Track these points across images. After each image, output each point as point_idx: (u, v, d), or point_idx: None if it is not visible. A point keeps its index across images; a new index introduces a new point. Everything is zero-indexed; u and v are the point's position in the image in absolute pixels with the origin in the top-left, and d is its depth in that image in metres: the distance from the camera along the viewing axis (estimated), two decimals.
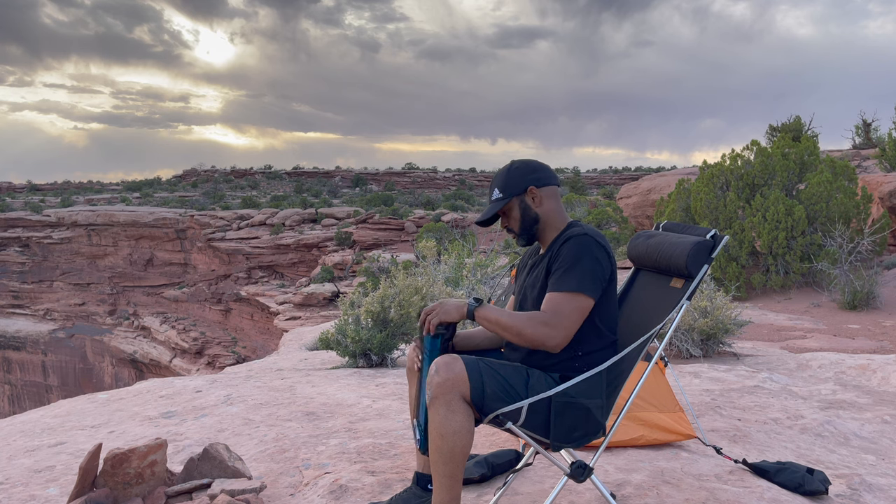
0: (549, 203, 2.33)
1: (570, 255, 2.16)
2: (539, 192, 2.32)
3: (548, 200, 2.33)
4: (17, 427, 3.81)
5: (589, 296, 2.14)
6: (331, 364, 6.30)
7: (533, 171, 2.35)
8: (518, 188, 2.32)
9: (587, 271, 2.14)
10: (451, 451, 2.00)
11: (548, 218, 2.33)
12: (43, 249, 46.37)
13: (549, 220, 2.33)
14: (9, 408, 44.46)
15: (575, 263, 2.15)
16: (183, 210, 44.95)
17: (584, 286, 2.13)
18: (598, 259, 2.17)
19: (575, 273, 2.13)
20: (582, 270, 2.14)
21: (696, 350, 6.03)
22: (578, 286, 2.12)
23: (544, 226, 2.33)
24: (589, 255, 2.16)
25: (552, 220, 2.33)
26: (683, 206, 13.34)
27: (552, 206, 2.34)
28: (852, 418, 3.87)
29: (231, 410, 3.92)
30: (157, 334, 41.18)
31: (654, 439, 3.15)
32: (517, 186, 2.32)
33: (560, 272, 2.16)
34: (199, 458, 2.61)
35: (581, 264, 2.14)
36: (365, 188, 64.71)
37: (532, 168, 2.35)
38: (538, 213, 2.33)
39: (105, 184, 77.33)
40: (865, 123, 22.57)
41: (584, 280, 2.13)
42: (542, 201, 2.33)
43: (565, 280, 2.14)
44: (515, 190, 2.32)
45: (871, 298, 9.65)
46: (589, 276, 2.14)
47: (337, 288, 31.65)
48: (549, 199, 2.34)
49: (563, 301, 2.12)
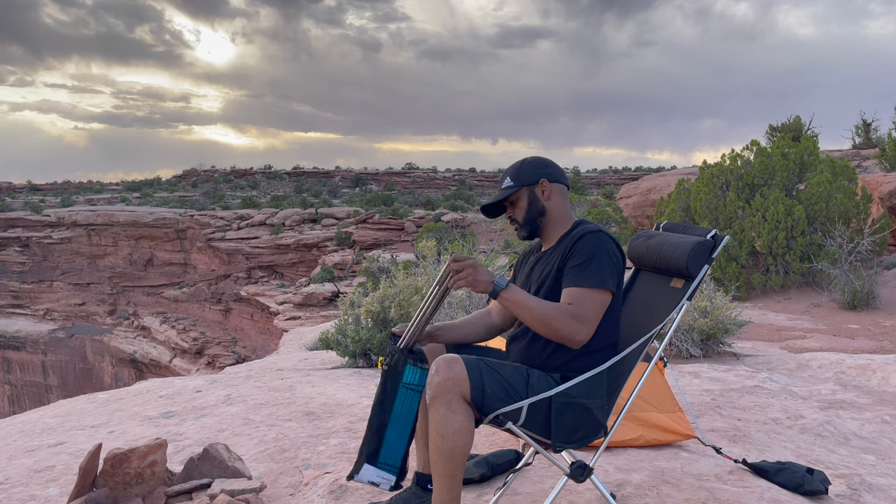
0: (558, 199, 2.36)
1: (589, 250, 2.18)
2: (550, 186, 2.35)
3: (556, 196, 2.36)
4: (17, 427, 3.81)
5: (611, 290, 2.17)
6: (331, 364, 6.30)
7: (546, 166, 2.39)
8: (530, 179, 2.35)
9: (606, 266, 2.17)
10: (451, 451, 2.00)
11: (554, 213, 2.35)
12: (43, 249, 46.36)
13: (555, 216, 2.35)
14: (9, 408, 44.44)
15: (594, 258, 2.17)
16: (183, 210, 44.93)
17: (605, 281, 2.16)
18: (615, 255, 2.21)
19: (595, 268, 2.16)
20: (601, 265, 2.16)
21: (695, 350, 6.03)
22: (601, 281, 2.15)
23: (549, 220, 2.36)
24: (606, 251, 2.19)
25: (558, 216, 2.36)
26: (683, 206, 13.34)
27: (560, 203, 2.36)
28: (852, 418, 3.87)
29: (231, 410, 3.92)
30: (157, 334, 41.18)
31: (654, 439, 3.15)
32: (530, 177, 2.35)
33: (580, 267, 2.17)
34: (199, 458, 2.61)
35: (600, 259, 2.17)
36: (365, 188, 64.67)
37: (545, 163, 2.40)
38: (545, 207, 2.35)
39: (105, 184, 77.27)
40: (865, 123, 22.57)
41: (605, 275, 2.16)
42: (551, 195, 2.35)
43: (587, 275, 2.15)
44: (527, 180, 2.35)
45: (871, 298, 9.65)
46: (609, 272, 2.17)
47: (337, 288, 31.66)
48: (557, 195, 2.36)
49: (587, 296, 2.14)
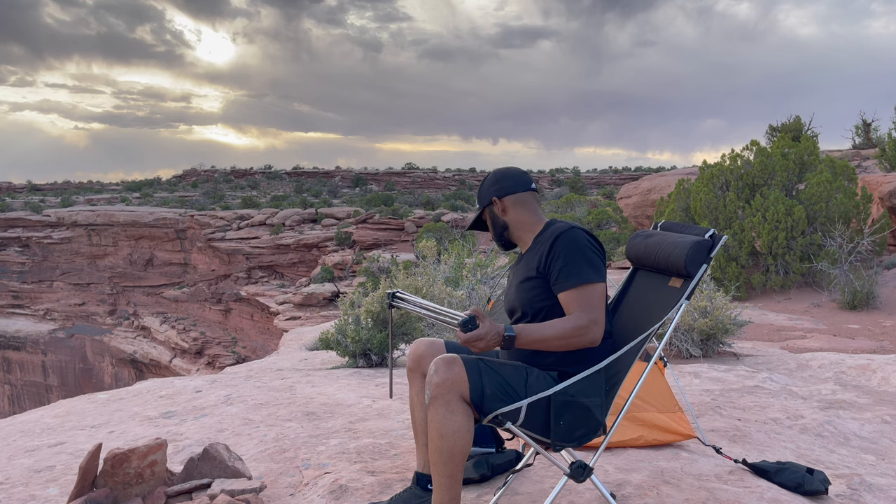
0: (515, 210, 2.43)
1: (567, 250, 2.23)
2: (502, 202, 2.43)
3: (513, 208, 2.42)
4: (17, 427, 3.81)
5: (602, 281, 2.22)
6: (331, 364, 6.31)
7: (497, 181, 2.46)
8: (485, 200, 2.47)
9: (590, 260, 2.22)
10: (450, 451, 2.00)
11: (516, 223, 2.43)
12: (43, 249, 46.37)
13: (519, 225, 2.43)
14: (9, 408, 44.46)
15: (575, 256, 2.22)
16: (183, 210, 44.96)
17: (595, 274, 2.21)
18: (593, 246, 2.27)
19: (581, 264, 2.21)
20: (586, 260, 2.22)
21: (695, 350, 6.03)
22: (590, 276, 2.20)
23: (515, 230, 2.44)
24: (584, 245, 2.25)
25: (522, 224, 2.42)
26: (683, 206, 13.35)
27: (519, 213, 2.43)
28: (852, 418, 3.87)
29: (231, 410, 3.92)
30: (157, 334, 41.18)
31: (654, 439, 3.15)
32: (484, 198, 2.48)
33: (566, 270, 2.21)
34: (199, 458, 2.61)
35: (583, 255, 2.22)
36: (365, 188, 64.70)
37: (497, 179, 2.47)
38: (505, 221, 2.44)
39: (105, 184, 77.32)
40: (865, 123, 22.57)
41: (592, 268, 2.21)
42: (506, 209, 2.43)
43: (576, 274, 2.20)
44: (483, 201, 2.48)
45: (870, 298, 9.66)
46: (593, 263, 2.23)
47: (337, 288, 31.66)
48: (514, 207, 2.43)
49: (585, 294, 2.18)
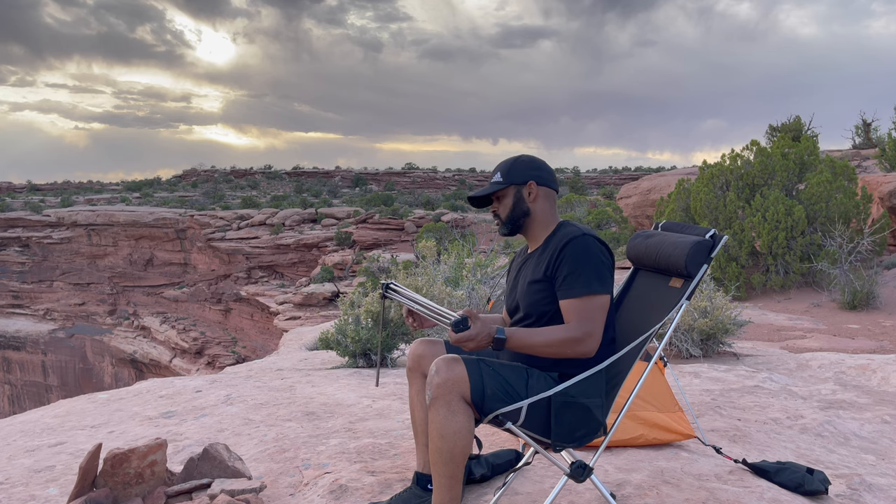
0: (543, 203, 2.36)
1: (577, 257, 2.18)
2: (538, 189, 2.35)
3: (542, 200, 2.36)
4: (17, 427, 3.81)
5: (607, 293, 2.18)
6: (331, 364, 6.31)
7: (538, 168, 2.38)
8: (519, 178, 2.35)
9: (597, 270, 2.18)
10: (451, 452, 2.00)
11: (538, 216, 2.36)
12: (43, 249, 46.35)
13: (539, 219, 2.36)
14: (9, 408, 44.44)
15: (584, 265, 2.17)
16: (183, 210, 44.95)
17: (599, 286, 2.16)
18: (604, 255, 2.22)
19: (588, 275, 2.16)
20: (593, 270, 2.17)
21: (695, 350, 6.03)
22: (596, 287, 2.16)
23: (532, 222, 2.37)
24: (594, 255, 2.19)
25: (542, 219, 2.37)
26: (683, 206, 13.34)
27: (545, 207, 2.36)
28: (852, 418, 3.87)
29: (231, 410, 3.92)
30: (157, 334, 41.17)
31: (654, 439, 3.15)
32: (519, 176, 2.35)
33: (572, 277, 2.17)
34: (199, 458, 2.61)
35: (591, 265, 2.18)
36: (365, 188, 64.68)
37: (538, 165, 2.39)
38: (530, 209, 2.36)
39: (105, 184, 77.30)
40: (865, 123, 22.57)
41: (598, 280, 2.17)
42: (537, 198, 2.35)
43: (581, 284, 2.16)
44: (516, 179, 2.35)
45: (870, 298, 9.65)
46: (601, 275, 2.18)
47: (337, 288, 31.66)
48: (543, 199, 2.36)
49: (586, 305, 2.14)
